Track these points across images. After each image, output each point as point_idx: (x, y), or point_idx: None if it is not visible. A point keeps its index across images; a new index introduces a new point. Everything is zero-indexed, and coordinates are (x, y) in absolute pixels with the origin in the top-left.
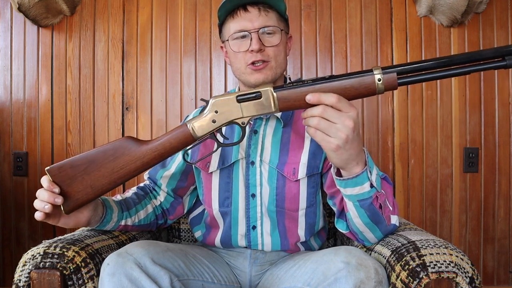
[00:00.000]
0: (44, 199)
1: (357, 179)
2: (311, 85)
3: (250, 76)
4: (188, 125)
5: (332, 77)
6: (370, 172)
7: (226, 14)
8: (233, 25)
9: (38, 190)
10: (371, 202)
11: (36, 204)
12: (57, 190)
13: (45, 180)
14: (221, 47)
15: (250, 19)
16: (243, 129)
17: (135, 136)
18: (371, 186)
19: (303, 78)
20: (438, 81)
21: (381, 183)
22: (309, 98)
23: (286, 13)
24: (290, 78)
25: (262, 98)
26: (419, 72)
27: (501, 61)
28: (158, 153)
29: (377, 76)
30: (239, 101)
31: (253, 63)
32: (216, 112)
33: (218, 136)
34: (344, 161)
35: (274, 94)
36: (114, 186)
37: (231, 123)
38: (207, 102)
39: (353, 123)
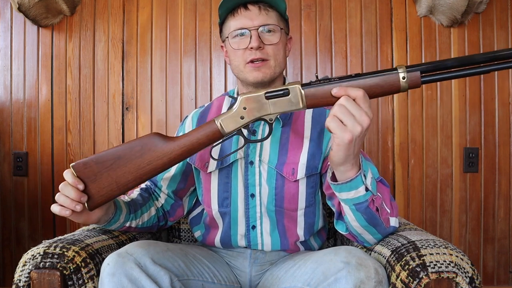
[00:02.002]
0: (71, 196)
1: (352, 183)
2: (337, 82)
3: (248, 74)
4: (216, 122)
5: (357, 75)
6: (364, 176)
7: (226, 13)
8: (233, 23)
9: (62, 184)
10: (367, 206)
11: (63, 201)
12: (81, 186)
13: (69, 175)
14: (222, 46)
15: (250, 17)
16: (270, 125)
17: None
18: (366, 189)
19: (329, 76)
20: None
21: (377, 186)
22: (336, 91)
23: (286, 14)
24: (317, 76)
25: (290, 95)
26: (442, 70)
27: None
28: (186, 149)
29: (402, 75)
30: (267, 98)
31: (252, 61)
32: (245, 108)
33: (245, 133)
34: (345, 158)
35: (302, 91)
36: (139, 182)
37: (259, 119)
38: (235, 99)
39: (369, 121)
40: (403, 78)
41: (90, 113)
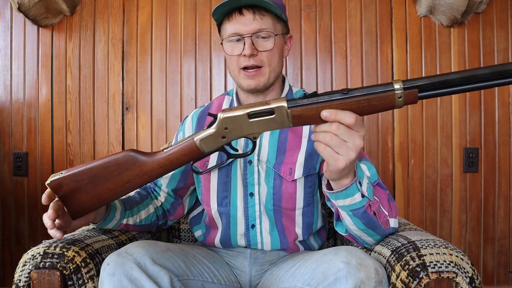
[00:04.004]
0: (46, 219)
1: (347, 191)
2: (327, 101)
3: (242, 81)
4: (195, 140)
5: (349, 92)
6: (360, 183)
7: (223, 16)
8: (229, 27)
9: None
10: (364, 211)
11: (44, 221)
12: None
13: (44, 196)
14: (221, 43)
15: (244, 23)
16: (254, 143)
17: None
18: (362, 196)
19: (318, 92)
20: None
21: (373, 191)
22: (326, 115)
23: (283, 14)
24: (305, 93)
25: (275, 115)
26: (441, 86)
27: None
28: (165, 168)
29: (398, 93)
30: (250, 117)
31: (245, 68)
32: (226, 128)
33: (227, 148)
34: (339, 176)
35: (288, 111)
36: (120, 196)
37: (241, 137)
38: (215, 117)
39: (363, 143)
40: (399, 97)
41: (90, 113)
